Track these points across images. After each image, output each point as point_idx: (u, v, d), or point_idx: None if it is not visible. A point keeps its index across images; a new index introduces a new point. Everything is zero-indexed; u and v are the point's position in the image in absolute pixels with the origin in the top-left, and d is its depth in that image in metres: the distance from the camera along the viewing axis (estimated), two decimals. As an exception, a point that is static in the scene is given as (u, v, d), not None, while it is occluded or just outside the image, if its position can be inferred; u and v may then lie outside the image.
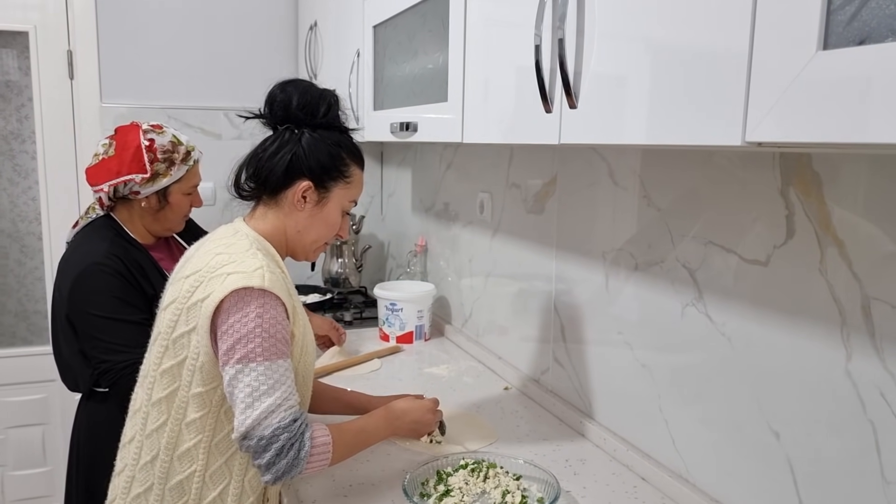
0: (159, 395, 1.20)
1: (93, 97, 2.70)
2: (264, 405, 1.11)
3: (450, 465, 1.38)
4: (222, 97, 2.88)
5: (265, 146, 1.27)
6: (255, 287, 1.12)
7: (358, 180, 1.32)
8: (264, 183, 1.26)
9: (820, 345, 1.04)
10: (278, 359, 1.14)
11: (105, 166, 1.72)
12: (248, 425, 1.11)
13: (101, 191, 1.72)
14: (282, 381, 1.14)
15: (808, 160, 1.05)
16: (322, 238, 1.32)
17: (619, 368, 1.51)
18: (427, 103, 1.56)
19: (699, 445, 1.29)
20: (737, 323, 1.20)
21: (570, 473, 1.42)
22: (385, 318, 2.28)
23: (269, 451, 1.11)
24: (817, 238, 1.04)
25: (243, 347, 1.11)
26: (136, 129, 1.74)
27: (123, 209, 1.78)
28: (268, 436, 1.11)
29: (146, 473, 1.22)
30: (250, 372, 1.11)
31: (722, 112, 0.74)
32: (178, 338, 1.18)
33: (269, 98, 1.27)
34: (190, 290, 1.18)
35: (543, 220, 1.79)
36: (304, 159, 1.24)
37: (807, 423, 1.07)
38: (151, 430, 1.21)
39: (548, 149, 1.75)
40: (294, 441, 1.13)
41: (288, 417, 1.13)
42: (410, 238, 2.73)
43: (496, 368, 2.03)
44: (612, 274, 1.52)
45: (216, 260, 1.19)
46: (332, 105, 1.28)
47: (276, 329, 1.14)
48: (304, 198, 1.26)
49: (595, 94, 0.96)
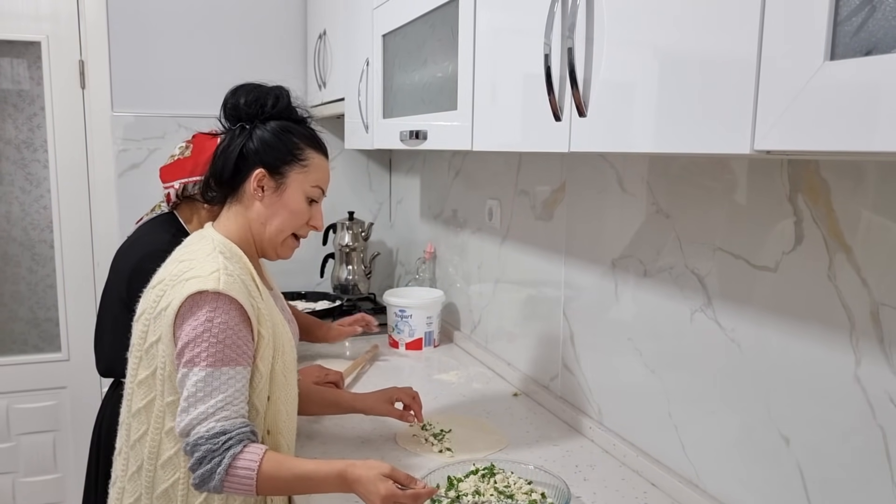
0: (138, 405, 1.21)
1: (104, 106, 2.72)
2: (197, 411, 1.11)
3: (460, 472, 1.38)
4: (232, 106, 2.89)
5: (220, 146, 1.29)
6: (209, 290, 1.12)
7: (316, 165, 1.30)
8: (220, 178, 1.28)
9: (829, 350, 1.05)
10: (223, 366, 1.12)
11: (180, 165, 1.80)
12: (182, 428, 1.12)
13: (171, 187, 1.80)
14: (221, 389, 1.12)
15: (816, 167, 1.05)
16: (286, 227, 1.29)
17: (628, 374, 1.51)
18: (436, 111, 1.58)
19: (709, 451, 1.30)
20: (746, 329, 1.20)
21: (580, 479, 1.43)
22: (394, 325, 2.29)
23: (192, 456, 1.11)
24: (825, 244, 1.05)
25: (190, 351, 1.12)
26: (216, 137, 1.81)
27: (187, 208, 1.85)
28: (191, 442, 1.11)
29: (134, 484, 1.22)
30: (192, 376, 1.12)
31: (731, 120, 0.75)
32: (148, 348, 1.19)
33: (222, 104, 1.30)
34: (156, 299, 1.19)
35: (552, 227, 1.80)
36: (254, 149, 1.26)
37: (816, 428, 1.08)
38: (134, 441, 1.22)
39: (556, 156, 1.76)
40: (214, 455, 1.10)
41: (216, 428, 1.10)
42: (419, 245, 2.74)
43: (505, 374, 2.03)
44: (621, 280, 1.52)
45: (179, 267, 1.20)
46: (279, 97, 1.30)
47: (226, 335, 1.13)
48: (260, 186, 1.26)
49: (604, 103, 0.98)
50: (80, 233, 2.78)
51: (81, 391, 2.82)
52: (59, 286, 2.78)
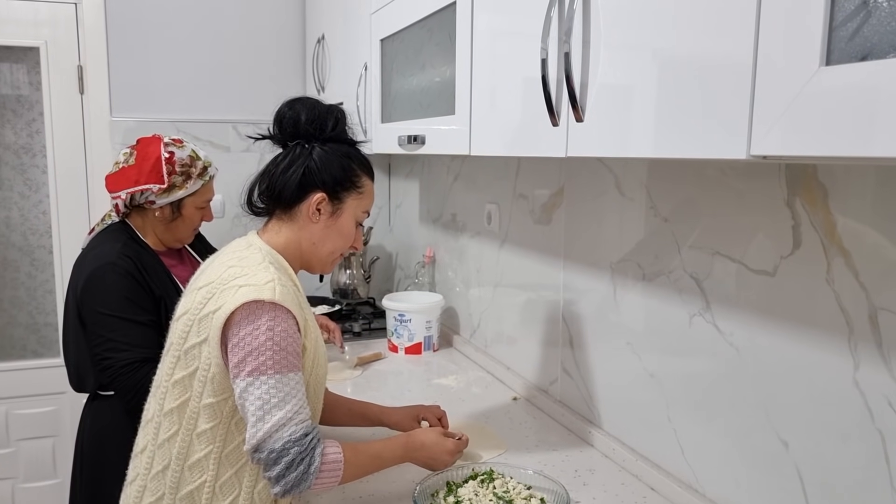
0: (171, 405, 1.21)
1: (103, 111, 2.72)
2: (275, 418, 1.12)
3: (459, 476, 1.38)
4: (231, 110, 2.90)
5: (277, 162, 1.29)
6: (265, 300, 1.14)
7: (369, 191, 1.34)
8: (278, 198, 1.28)
9: (827, 354, 1.05)
10: (289, 372, 1.14)
11: (124, 174, 1.77)
12: (260, 438, 1.12)
13: (118, 197, 1.78)
14: (293, 394, 1.14)
15: (814, 171, 1.05)
16: (337, 249, 1.33)
17: (627, 378, 1.51)
18: (434, 116, 1.58)
19: (708, 455, 1.30)
20: (744, 332, 1.20)
21: (580, 484, 1.42)
22: (394, 329, 2.29)
23: (279, 464, 1.12)
24: (824, 248, 1.05)
25: (254, 360, 1.12)
26: (158, 141, 1.80)
27: (138, 217, 1.83)
28: (278, 449, 1.12)
29: (157, 483, 1.23)
30: (261, 385, 1.12)
31: (727, 125, 0.75)
32: (189, 349, 1.20)
33: (277, 117, 1.29)
34: (202, 301, 1.19)
35: (551, 231, 1.80)
36: (317, 172, 1.26)
37: (815, 432, 1.07)
38: (163, 440, 1.22)
39: (555, 160, 1.76)
40: (304, 455, 1.13)
41: (299, 431, 1.13)
42: (418, 249, 2.74)
43: (504, 379, 2.03)
44: (620, 284, 1.52)
45: (229, 272, 1.20)
46: (339, 119, 1.30)
47: (286, 342, 1.15)
48: (318, 210, 1.28)
49: (601, 108, 0.98)
50: (78, 238, 2.75)
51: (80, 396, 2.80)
52: (57, 291, 2.78)
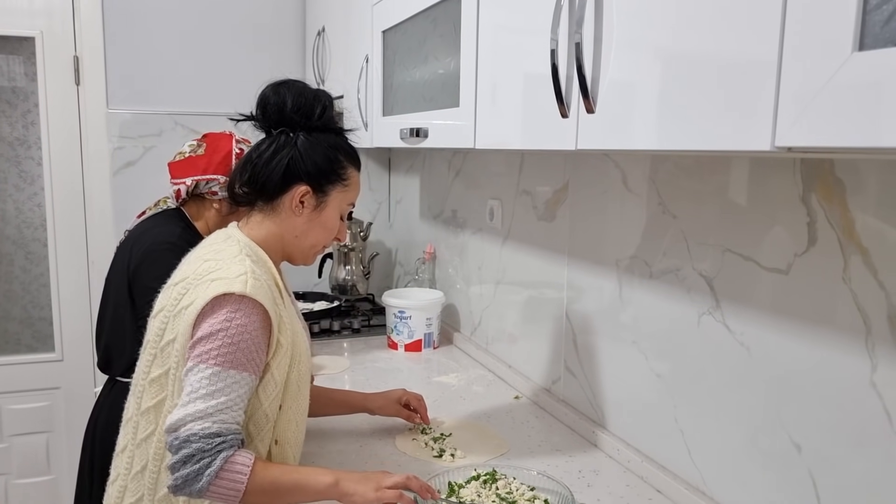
0: (148, 404, 1.18)
1: (99, 103, 2.68)
2: (195, 408, 1.06)
3: (461, 477, 1.35)
4: (229, 103, 2.85)
5: (260, 150, 1.24)
6: (235, 293, 1.09)
7: (355, 182, 1.30)
8: (261, 189, 1.23)
9: (844, 355, 1.02)
10: (231, 368, 1.08)
11: (192, 163, 1.79)
12: (172, 422, 1.06)
13: (182, 183, 1.79)
14: (225, 391, 1.08)
15: (831, 166, 1.02)
16: (320, 242, 1.29)
17: (633, 378, 1.48)
18: (438, 109, 1.55)
19: (716, 457, 1.27)
20: (756, 332, 1.17)
21: (584, 485, 1.39)
22: (394, 326, 2.26)
23: (178, 454, 1.05)
24: (840, 246, 1.02)
25: (202, 346, 1.08)
26: (230, 137, 1.84)
27: (194, 206, 1.83)
28: (182, 438, 1.05)
29: (137, 484, 1.19)
30: (198, 372, 1.08)
31: (750, 116, 0.71)
32: (164, 346, 1.16)
33: (261, 100, 1.24)
34: (177, 297, 1.15)
35: (555, 228, 1.76)
36: (302, 163, 1.22)
37: (830, 435, 1.04)
38: (141, 440, 1.19)
39: (559, 155, 1.73)
40: (206, 455, 1.05)
41: (212, 429, 1.06)
42: (418, 245, 2.71)
43: (506, 377, 2.00)
44: (626, 282, 1.49)
45: (203, 266, 1.16)
46: (326, 107, 1.25)
47: (241, 338, 1.09)
48: (301, 203, 1.23)
49: (614, 99, 0.94)
50: (74, 231, 2.74)
51: (75, 392, 2.78)
52: (52, 285, 2.74)
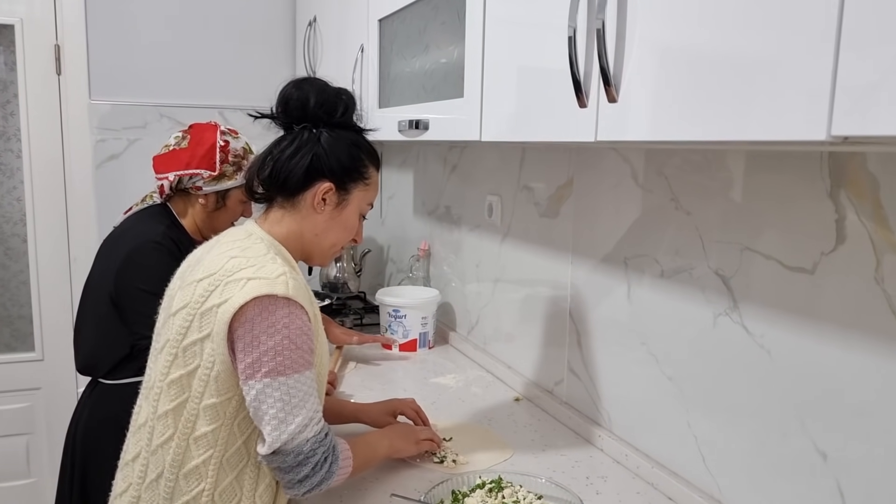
0: (166, 407, 1.12)
1: (81, 94, 2.60)
2: (297, 419, 1.07)
3: (465, 485, 1.29)
4: (216, 95, 2.78)
5: (281, 147, 1.20)
6: (279, 295, 1.06)
7: (375, 182, 1.28)
8: (282, 185, 1.20)
9: (875, 360, 0.97)
10: (305, 370, 1.10)
11: (176, 156, 1.72)
12: (284, 440, 1.07)
13: (165, 178, 1.72)
14: (310, 392, 1.10)
15: (863, 160, 0.97)
16: (340, 242, 1.27)
17: (642, 381, 1.43)
18: (440, 100, 1.48)
19: (733, 464, 1.21)
20: (777, 334, 1.12)
21: (593, 492, 1.34)
22: (388, 326, 2.19)
23: (305, 465, 1.09)
24: (872, 244, 0.96)
25: (271, 360, 1.05)
26: (215, 128, 1.76)
27: (180, 201, 1.77)
28: (306, 451, 1.08)
29: (152, 493, 1.13)
30: (280, 386, 1.06)
31: (804, 105, 0.66)
32: (189, 345, 1.10)
33: (283, 97, 1.21)
34: (204, 294, 1.10)
35: (558, 225, 1.70)
36: (326, 160, 1.19)
37: (859, 444, 0.99)
38: (157, 446, 1.13)
39: (563, 150, 1.67)
40: (328, 454, 1.11)
41: (321, 431, 1.11)
42: (412, 242, 2.64)
43: (505, 378, 1.94)
44: (635, 281, 1.44)
45: (232, 263, 1.11)
46: (349, 105, 1.23)
47: (302, 340, 1.08)
48: (323, 199, 1.20)
49: (640, 87, 0.88)
50: (55, 227, 2.65)
51: (56, 392, 2.69)
52: (32, 282, 2.65)
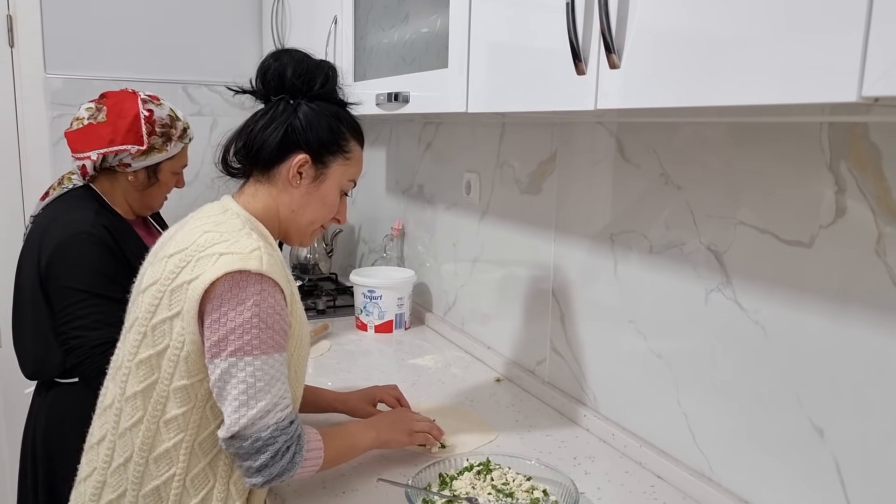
0: (134, 388, 1.06)
1: (35, 67, 2.47)
2: (261, 404, 1.01)
3: (453, 468, 1.26)
4: (181, 70, 2.67)
5: (256, 118, 1.16)
6: (251, 271, 1.01)
7: (358, 157, 1.22)
8: (256, 157, 1.15)
9: (875, 334, 0.95)
10: (275, 352, 1.03)
11: (95, 132, 1.56)
12: (243, 424, 1.00)
13: (86, 158, 1.56)
14: (277, 377, 1.04)
15: (865, 130, 0.95)
16: (318, 220, 1.21)
17: (629, 359, 1.40)
18: (421, 71, 1.43)
19: (725, 442, 1.20)
20: (772, 310, 1.10)
21: (581, 472, 1.31)
22: (363, 307, 2.14)
23: (263, 452, 1.02)
24: (874, 216, 0.94)
25: (238, 339, 1.00)
26: (134, 96, 1.60)
27: (106, 181, 1.63)
28: (265, 437, 1.02)
29: (119, 478, 1.08)
30: (245, 367, 1.00)
31: (833, 66, 0.62)
32: (158, 324, 1.05)
33: (261, 69, 1.16)
34: (174, 270, 1.04)
35: (541, 201, 1.67)
36: (301, 131, 1.13)
37: (858, 419, 0.98)
38: (125, 429, 1.07)
39: (546, 125, 1.63)
40: (290, 444, 1.05)
41: (285, 418, 1.04)
42: (384, 222, 2.59)
43: (485, 359, 1.91)
44: (622, 258, 1.41)
45: (205, 238, 1.05)
46: (329, 76, 1.18)
47: (273, 319, 1.03)
48: (299, 173, 1.15)
49: (645, 51, 0.84)
50: (9, 207, 2.53)
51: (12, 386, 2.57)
52: (-14, 265, 2.53)
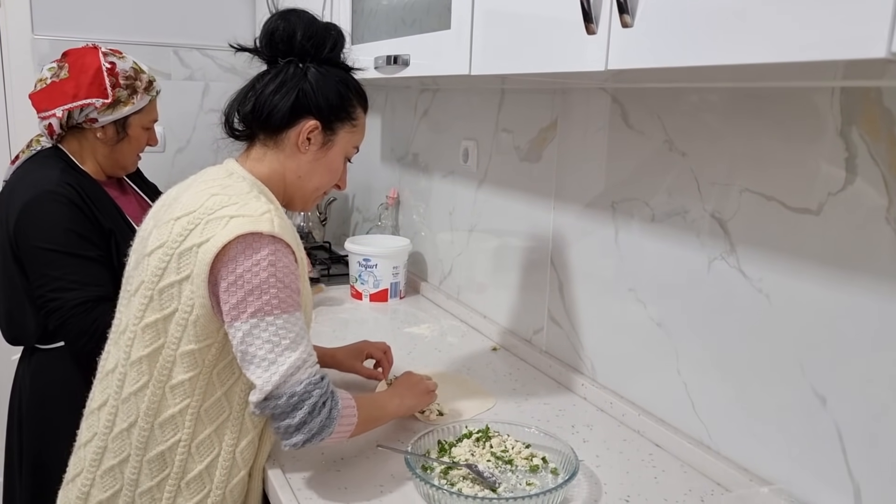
0: (140, 353, 1.05)
1: (23, 28, 2.41)
2: (290, 360, 1.00)
3: (451, 435, 1.25)
4: (171, 33, 2.62)
5: (265, 81, 1.13)
6: (264, 232, 1.00)
7: (362, 125, 1.21)
8: (265, 121, 1.12)
9: (884, 302, 0.94)
10: (295, 311, 1.03)
11: (58, 89, 1.52)
12: (276, 382, 0.99)
13: (52, 116, 1.52)
14: (301, 335, 1.03)
15: (878, 95, 0.93)
16: (323, 185, 1.21)
17: (628, 327, 1.40)
18: (422, 32, 1.40)
19: (725, 411, 1.20)
20: (777, 278, 1.09)
21: (580, 440, 1.31)
22: (358, 275, 2.12)
23: (300, 408, 0.99)
24: (885, 183, 0.93)
25: (257, 300, 0.99)
26: (95, 51, 1.55)
27: (74, 140, 1.58)
28: (300, 392, 1.00)
29: (121, 443, 1.07)
30: (268, 326, 0.99)
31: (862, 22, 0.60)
32: (165, 287, 1.03)
33: (268, 29, 1.13)
34: (182, 233, 1.03)
35: (540, 169, 1.65)
36: (312, 96, 1.12)
37: (862, 387, 0.97)
38: (129, 394, 1.06)
39: (546, 91, 1.60)
40: (326, 398, 1.02)
41: (317, 373, 1.03)
42: (379, 190, 2.56)
43: (480, 328, 1.90)
44: (623, 225, 1.39)
45: (213, 201, 1.04)
46: (338, 41, 1.16)
47: (289, 279, 1.02)
48: (308, 139, 1.13)
49: (662, 8, 0.82)
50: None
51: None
52: (-26, 231, 2.48)
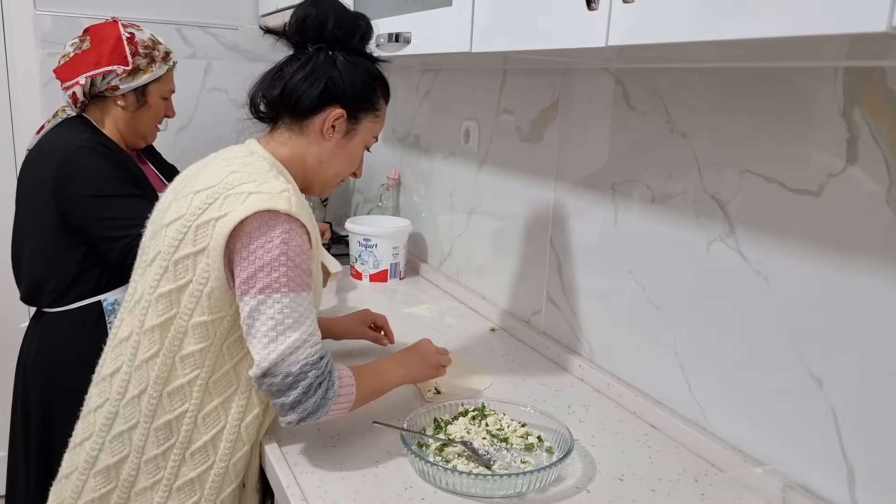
0: (153, 321, 1.07)
1: (25, 4, 2.39)
2: (290, 339, 1.02)
3: (447, 413, 1.25)
4: (174, 10, 2.60)
5: (295, 67, 1.14)
6: (280, 210, 1.01)
7: (384, 115, 1.24)
8: (293, 106, 1.14)
9: (883, 282, 0.94)
10: (303, 291, 1.04)
11: (81, 59, 1.59)
12: (273, 360, 1.01)
13: (76, 84, 1.58)
14: (306, 314, 1.04)
15: (882, 76, 0.92)
16: (343, 173, 1.23)
17: (626, 309, 1.40)
18: (423, 10, 1.38)
19: (720, 392, 1.20)
20: (776, 260, 1.09)
21: (576, 420, 1.32)
22: (358, 255, 2.12)
23: (295, 388, 1.01)
24: (886, 165, 0.93)
25: (266, 277, 1.00)
26: (115, 23, 1.63)
27: (96, 109, 1.65)
28: (295, 372, 1.02)
29: (132, 409, 1.09)
30: (274, 304, 1.01)
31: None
32: (181, 259, 1.05)
33: (300, 14, 1.14)
34: (201, 206, 1.05)
35: (541, 150, 1.64)
36: (340, 85, 1.14)
37: (858, 370, 0.97)
38: (141, 362, 1.08)
39: (548, 72, 1.59)
40: (322, 379, 1.04)
41: (315, 354, 1.04)
42: (379, 171, 2.55)
43: (479, 309, 1.90)
44: (623, 207, 1.39)
45: (233, 177, 1.06)
46: (367, 31, 1.18)
47: (301, 259, 1.03)
48: (333, 127, 1.15)
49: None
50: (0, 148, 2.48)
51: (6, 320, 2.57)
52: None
